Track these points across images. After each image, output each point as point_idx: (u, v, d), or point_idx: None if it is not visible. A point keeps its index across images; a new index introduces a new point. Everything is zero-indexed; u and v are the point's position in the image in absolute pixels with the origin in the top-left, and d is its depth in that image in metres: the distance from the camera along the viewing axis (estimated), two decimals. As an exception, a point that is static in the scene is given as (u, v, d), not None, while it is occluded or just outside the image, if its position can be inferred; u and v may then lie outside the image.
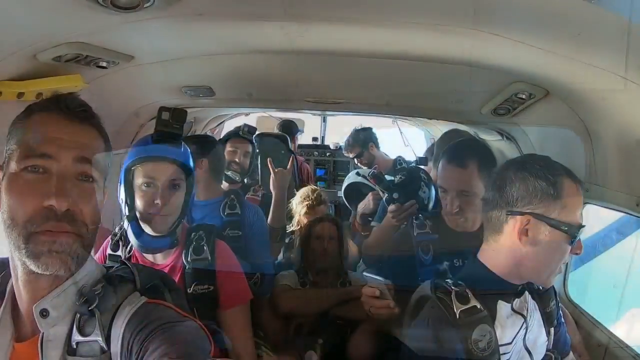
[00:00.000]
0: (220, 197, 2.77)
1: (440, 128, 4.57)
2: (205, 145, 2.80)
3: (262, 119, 6.21)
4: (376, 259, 2.90)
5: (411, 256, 2.33)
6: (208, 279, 1.99)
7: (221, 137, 4.03)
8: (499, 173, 1.63)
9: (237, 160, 3.38)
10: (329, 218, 3.23)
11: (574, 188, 1.52)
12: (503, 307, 1.58)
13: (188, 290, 1.97)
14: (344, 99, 2.77)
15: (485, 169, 2.19)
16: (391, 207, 2.65)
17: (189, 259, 2.01)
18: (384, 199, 2.80)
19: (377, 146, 4.73)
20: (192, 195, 2.07)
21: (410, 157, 4.95)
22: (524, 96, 2.17)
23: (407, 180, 2.79)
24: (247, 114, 5.76)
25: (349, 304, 2.74)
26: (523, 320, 1.62)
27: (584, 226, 1.53)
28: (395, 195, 2.65)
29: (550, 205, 1.48)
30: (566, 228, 1.48)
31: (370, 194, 3.45)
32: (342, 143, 6.06)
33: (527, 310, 1.64)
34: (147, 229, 1.94)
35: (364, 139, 4.67)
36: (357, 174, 3.73)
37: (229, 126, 5.34)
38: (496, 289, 1.59)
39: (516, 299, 1.62)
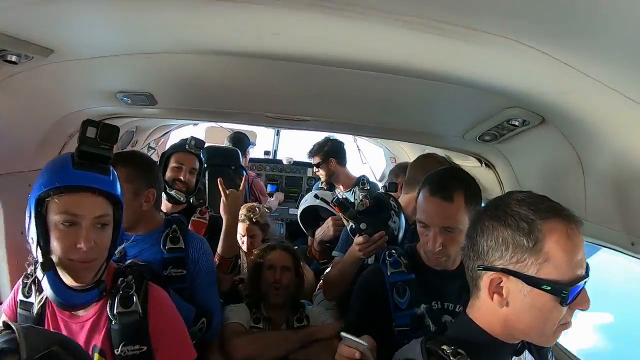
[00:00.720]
0: (160, 228, 2.34)
1: (404, 148, 4.34)
2: (149, 170, 2.31)
3: (211, 130, 5.81)
4: (339, 293, 2.61)
5: (383, 297, 2.02)
6: (140, 337, 1.59)
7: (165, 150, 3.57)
8: (472, 218, 1.37)
9: (181, 177, 2.99)
10: (282, 246, 2.88)
11: (564, 232, 1.19)
12: None
13: (116, 352, 1.57)
14: (311, 117, 2.44)
15: (471, 202, 1.93)
16: (358, 239, 2.34)
17: (114, 312, 1.58)
18: (347, 227, 2.49)
19: (340, 162, 4.41)
20: (121, 230, 1.64)
21: (369, 175, 4.74)
22: (517, 123, 1.96)
23: (376, 208, 2.51)
24: (196, 124, 5.39)
25: (312, 347, 2.48)
26: None
27: (585, 277, 1.21)
28: (362, 226, 2.34)
29: (527, 259, 1.19)
30: (549, 287, 1.17)
31: (330, 219, 3.13)
32: (295, 158, 5.87)
33: None
34: (67, 279, 1.53)
35: (327, 151, 4.39)
36: (316, 196, 3.38)
37: (176, 137, 4.91)
38: (492, 350, 1.32)
39: (514, 358, 1.38)
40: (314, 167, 4.54)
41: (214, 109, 2.60)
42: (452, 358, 1.23)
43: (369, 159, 5.18)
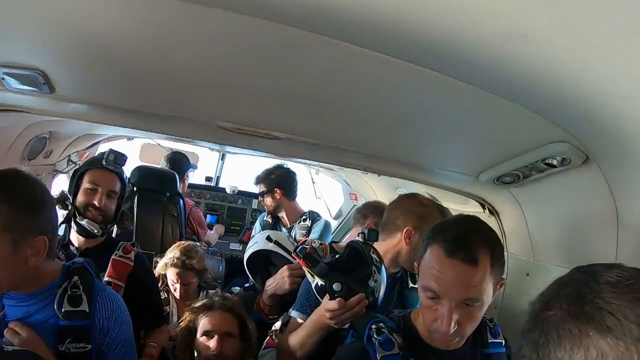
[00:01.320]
0: (56, 281, 1.63)
1: (370, 183, 3.84)
2: (37, 207, 1.51)
3: (148, 147, 5.14)
4: None
5: None
6: None
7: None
8: (534, 312, 0.93)
9: (96, 202, 2.31)
10: (224, 306, 2.28)
11: None
12: None
13: None
14: (284, 133, 1.79)
15: (497, 265, 1.45)
16: (330, 304, 1.82)
17: None
18: (313, 285, 1.96)
19: (286, 194, 3.94)
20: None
21: (323, 212, 4.23)
22: (555, 162, 1.54)
23: (351, 262, 1.97)
24: (130, 138, 4.68)
25: None
26: None
27: None
28: (336, 287, 1.82)
29: None
30: None
31: (285, 268, 2.52)
32: (240, 187, 5.40)
33: None
34: None
35: (274, 180, 3.94)
36: (269, 239, 2.75)
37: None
38: None
39: None
40: (259, 196, 4.10)
41: (143, 110, 1.88)
42: None
43: (324, 194, 4.65)
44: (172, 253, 2.94)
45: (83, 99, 1.79)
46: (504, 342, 1.67)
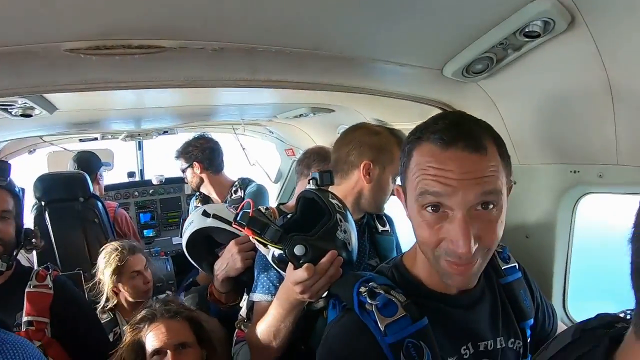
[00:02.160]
0: None
1: (308, 133, 3.46)
2: None
3: (54, 155, 4.48)
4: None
5: None
6: None
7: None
8: None
9: None
10: (169, 311, 1.89)
11: None
12: None
13: None
14: (168, 39, 1.21)
15: (505, 158, 1.10)
16: (297, 275, 1.43)
17: None
18: (269, 257, 1.56)
19: (209, 167, 3.49)
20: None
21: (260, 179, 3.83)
22: (537, 28, 1.21)
23: (309, 217, 1.58)
24: (31, 151, 4.11)
25: None
26: None
27: None
28: (298, 250, 1.43)
29: None
30: None
31: (232, 244, 2.11)
32: (166, 174, 4.97)
33: None
34: None
35: (192, 152, 3.50)
36: (205, 214, 2.30)
37: None
38: None
39: None
40: (182, 173, 3.63)
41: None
42: None
43: (259, 158, 4.20)
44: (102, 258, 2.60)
45: None
46: (517, 265, 1.37)
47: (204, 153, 3.45)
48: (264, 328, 1.63)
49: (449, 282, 1.12)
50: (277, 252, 1.49)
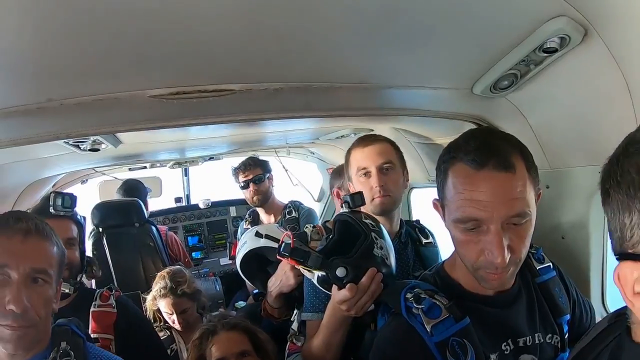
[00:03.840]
0: (42, 353, 1.35)
1: (340, 147, 3.54)
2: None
3: (106, 185, 4.63)
4: None
5: None
6: None
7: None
8: None
9: None
10: (228, 324, 2.03)
11: None
12: None
13: None
14: (236, 84, 1.41)
15: (532, 171, 1.19)
16: (340, 295, 1.54)
17: None
18: (315, 280, 1.66)
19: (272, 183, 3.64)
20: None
21: (305, 200, 3.93)
22: (554, 44, 1.29)
23: (344, 239, 1.68)
24: (84, 181, 4.37)
25: None
26: None
27: None
28: (340, 272, 1.53)
29: None
30: None
31: (284, 262, 2.21)
32: (212, 199, 5.12)
33: None
34: None
35: (265, 163, 3.64)
36: (258, 235, 2.44)
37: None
38: None
39: None
40: (250, 185, 3.53)
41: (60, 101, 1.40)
42: None
43: (301, 179, 4.33)
44: (158, 284, 2.67)
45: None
46: (551, 264, 1.44)
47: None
48: (317, 343, 1.73)
49: (486, 286, 1.22)
50: (321, 274, 1.59)
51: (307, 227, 2.48)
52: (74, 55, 1.10)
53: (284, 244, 1.64)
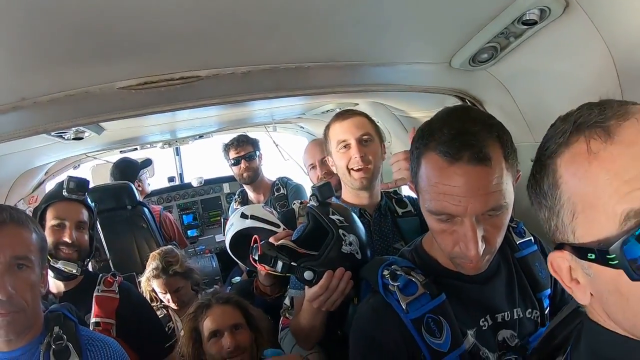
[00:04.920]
0: (37, 338, 1.40)
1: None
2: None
3: (99, 168, 4.69)
4: (317, 340, 1.87)
5: (408, 346, 1.22)
6: None
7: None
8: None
9: (66, 239, 2.04)
10: (221, 298, 2.10)
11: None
12: None
13: None
14: (204, 70, 1.40)
15: (510, 156, 1.15)
16: (310, 294, 1.61)
17: None
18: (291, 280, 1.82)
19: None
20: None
21: (296, 175, 3.93)
22: (534, 16, 1.27)
23: (317, 232, 1.71)
24: (76, 166, 4.31)
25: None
26: None
27: None
28: (308, 276, 1.58)
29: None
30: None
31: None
32: (205, 176, 5.12)
33: None
34: None
35: (255, 141, 3.66)
36: (244, 216, 2.49)
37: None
38: None
39: None
40: (241, 162, 3.55)
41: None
42: None
43: (292, 153, 4.32)
44: (150, 265, 2.72)
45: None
46: (532, 238, 1.44)
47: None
48: (301, 322, 1.78)
49: (462, 271, 1.23)
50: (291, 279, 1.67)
51: (294, 203, 2.53)
52: (41, 54, 1.11)
53: (252, 249, 1.66)
